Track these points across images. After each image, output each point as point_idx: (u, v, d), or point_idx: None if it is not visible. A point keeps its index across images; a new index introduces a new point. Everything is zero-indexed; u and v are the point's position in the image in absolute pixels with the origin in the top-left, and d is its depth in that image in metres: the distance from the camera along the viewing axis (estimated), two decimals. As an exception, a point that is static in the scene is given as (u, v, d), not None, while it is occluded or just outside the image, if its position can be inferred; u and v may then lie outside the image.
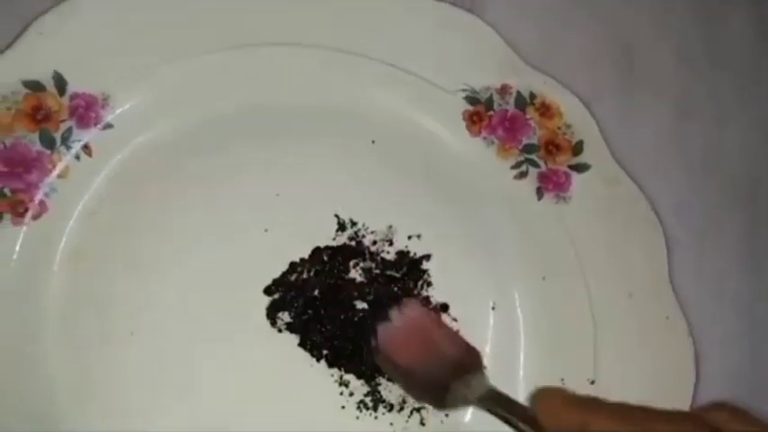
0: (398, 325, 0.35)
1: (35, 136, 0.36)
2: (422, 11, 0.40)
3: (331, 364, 0.38)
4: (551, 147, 0.41)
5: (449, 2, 0.41)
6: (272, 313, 0.38)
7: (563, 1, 0.45)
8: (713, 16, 0.47)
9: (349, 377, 0.38)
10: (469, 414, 0.39)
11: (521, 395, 0.39)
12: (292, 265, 0.39)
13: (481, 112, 0.41)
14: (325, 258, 0.39)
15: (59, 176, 0.37)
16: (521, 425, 0.28)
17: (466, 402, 0.32)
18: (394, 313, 0.36)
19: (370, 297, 0.39)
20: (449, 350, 0.33)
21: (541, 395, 0.28)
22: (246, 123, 0.39)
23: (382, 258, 0.40)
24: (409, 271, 0.40)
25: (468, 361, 0.33)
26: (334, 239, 0.40)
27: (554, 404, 0.27)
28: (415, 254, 0.40)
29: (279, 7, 0.39)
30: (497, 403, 0.31)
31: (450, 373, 0.32)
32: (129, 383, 0.37)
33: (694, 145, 0.45)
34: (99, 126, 0.37)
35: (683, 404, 0.39)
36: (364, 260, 0.40)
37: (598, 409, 0.26)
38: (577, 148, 0.41)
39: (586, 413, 0.26)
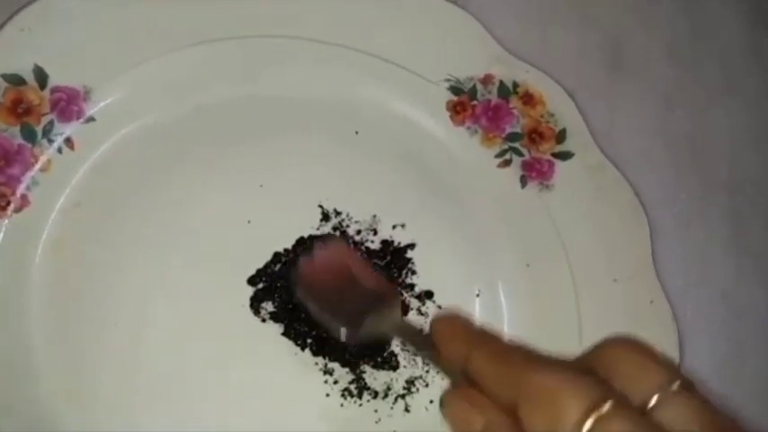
0: (319, 258, 0.36)
1: (16, 130, 0.36)
2: (406, 2, 0.40)
3: (315, 353, 0.38)
4: (535, 135, 0.41)
5: (432, -8, 0.41)
6: (255, 303, 0.38)
7: (548, -8, 0.45)
8: (699, 6, 0.47)
9: (333, 365, 0.38)
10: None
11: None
12: (276, 256, 0.39)
13: (465, 102, 0.41)
14: (309, 248, 0.39)
15: (41, 170, 0.36)
16: (429, 353, 0.29)
17: (378, 331, 0.33)
18: (316, 248, 0.37)
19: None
20: (366, 283, 0.34)
21: (436, 321, 0.28)
22: (230, 115, 0.39)
23: (366, 248, 0.40)
24: (393, 260, 0.40)
25: (384, 295, 0.33)
26: (318, 230, 0.40)
27: (445, 332, 0.27)
28: (399, 243, 0.40)
29: (262, 0, 0.39)
30: (406, 333, 0.32)
31: (365, 305, 0.32)
32: (112, 375, 0.36)
33: (679, 133, 0.45)
34: (81, 119, 0.37)
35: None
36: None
37: (481, 344, 0.25)
38: (561, 137, 0.41)
39: (471, 347, 0.25)
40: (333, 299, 0.34)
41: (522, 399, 0.21)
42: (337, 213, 0.40)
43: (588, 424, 0.20)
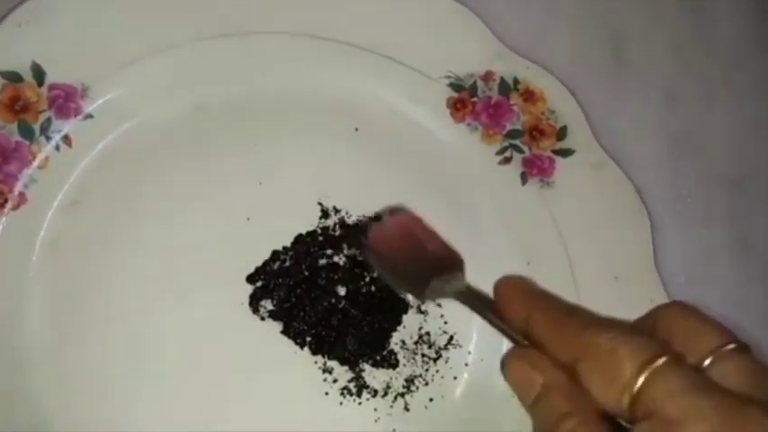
0: (388, 225, 0.37)
1: (14, 127, 0.36)
2: (406, -2, 0.40)
3: (314, 351, 0.38)
4: (535, 132, 0.41)
5: (433, -11, 0.41)
6: (254, 301, 0.38)
7: (550, -12, 0.45)
8: (701, 2, 0.47)
9: (332, 364, 0.38)
10: (455, 399, 0.39)
11: (503, 382, 0.39)
12: (275, 254, 0.38)
13: (465, 99, 0.41)
14: (308, 246, 0.39)
15: (39, 167, 0.36)
16: (490, 317, 0.30)
17: (443, 295, 0.34)
18: (385, 216, 0.38)
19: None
20: (432, 249, 0.35)
21: (498, 285, 0.29)
22: (229, 113, 0.39)
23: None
24: (393, 257, 0.40)
25: (449, 261, 0.35)
26: (317, 227, 0.39)
27: (506, 295, 0.28)
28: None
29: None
30: (470, 297, 0.32)
31: (431, 269, 0.34)
32: (111, 373, 0.36)
33: (680, 130, 0.45)
34: (79, 117, 0.37)
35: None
36: (348, 248, 0.40)
37: (541, 306, 0.26)
38: (561, 133, 0.41)
39: (531, 309, 0.26)
40: (400, 263, 0.35)
41: (581, 357, 0.22)
42: (337, 211, 0.40)
43: (642, 378, 0.20)
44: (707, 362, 0.22)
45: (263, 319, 0.38)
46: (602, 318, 0.24)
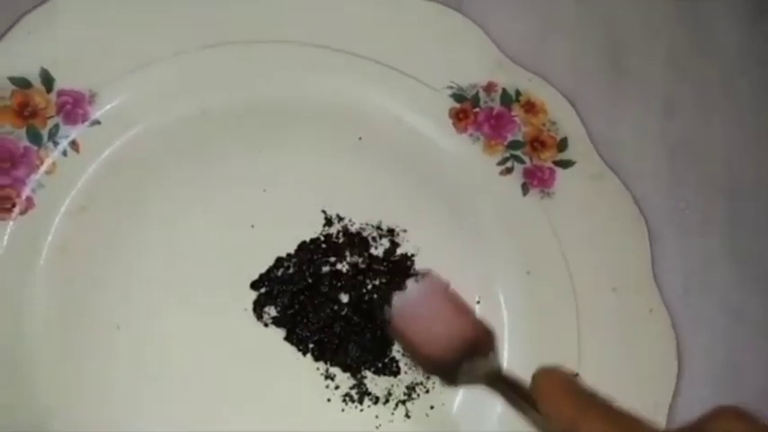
0: (412, 296, 0.34)
1: (22, 132, 0.36)
2: (409, 9, 0.41)
3: (317, 358, 0.38)
4: (536, 143, 0.42)
5: (436, 0, 0.41)
6: (258, 307, 0.38)
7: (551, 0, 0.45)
8: (699, 13, 0.47)
9: (335, 370, 0.39)
10: (455, 406, 0.40)
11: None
12: (279, 260, 0.39)
13: (467, 110, 0.41)
14: (312, 253, 0.39)
15: (47, 172, 0.37)
16: (525, 408, 0.28)
17: (475, 380, 0.31)
18: (410, 284, 0.36)
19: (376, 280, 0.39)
20: (462, 324, 0.32)
21: (539, 378, 0.27)
22: (234, 120, 0.40)
23: (369, 253, 0.40)
24: (395, 265, 0.40)
25: (482, 338, 0.32)
26: (321, 234, 0.40)
27: (550, 391, 0.27)
28: (400, 247, 0.41)
29: (268, 5, 0.39)
30: (504, 384, 0.31)
31: (461, 351, 0.31)
32: (115, 377, 0.37)
33: (679, 141, 0.46)
34: (86, 122, 0.37)
35: (666, 396, 0.40)
36: (351, 255, 0.40)
37: (591, 409, 0.25)
38: (562, 145, 0.42)
39: (580, 410, 0.25)
40: (427, 343, 0.32)
41: None
42: (340, 218, 0.40)
43: None
44: None
45: (266, 325, 0.38)
46: (657, 427, 0.24)
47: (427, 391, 0.39)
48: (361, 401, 0.39)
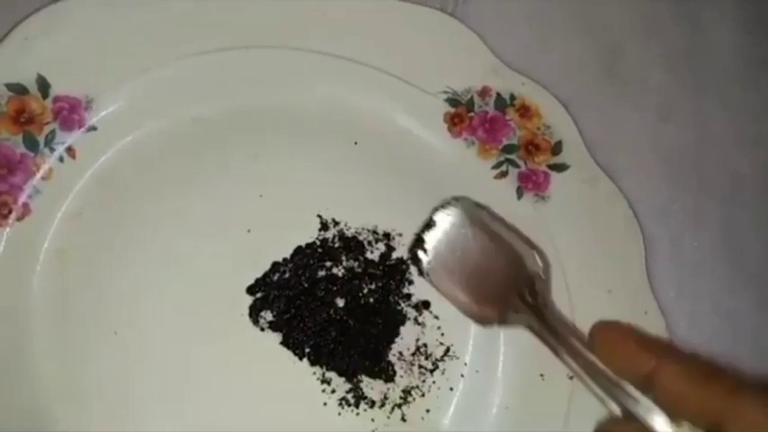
0: (446, 235, 0.32)
1: (19, 138, 0.36)
2: (404, 14, 0.41)
3: (313, 362, 0.38)
4: (531, 147, 0.42)
5: (431, 6, 0.41)
6: (254, 312, 0.38)
7: (546, 5, 0.45)
8: (696, 20, 0.47)
9: (331, 374, 0.39)
10: (451, 410, 0.40)
11: (499, 392, 0.40)
12: (275, 265, 0.39)
13: (462, 114, 0.42)
14: (308, 258, 0.39)
15: (43, 178, 0.37)
16: (568, 357, 0.27)
17: (520, 322, 0.30)
18: (441, 217, 0.33)
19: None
20: (505, 258, 0.30)
21: (605, 329, 0.27)
22: (230, 125, 0.40)
23: (365, 258, 0.40)
24: (391, 269, 0.40)
25: (529, 266, 0.30)
26: (317, 239, 0.40)
27: (622, 342, 0.26)
28: (396, 252, 0.41)
29: (263, 11, 0.39)
30: (546, 327, 0.29)
31: (509, 285, 0.29)
32: (112, 383, 0.37)
33: (674, 145, 0.46)
34: (83, 128, 0.37)
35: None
36: (347, 260, 0.40)
37: (674, 359, 0.25)
38: (556, 149, 0.42)
39: (662, 359, 0.24)
40: (469, 282, 0.30)
41: (729, 420, 0.22)
42: (336, 223, 0.40)
43: None
44: None
45: (262, 329, 0.39)
46: (749, 380, 0.23)
47: (423, 395, 0.40)
48: (357, 405, 0.39)
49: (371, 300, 0.39)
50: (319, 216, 0.40)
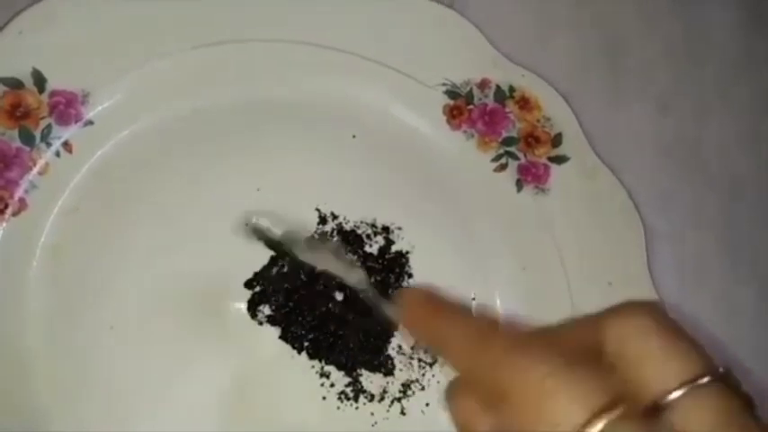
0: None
1: (14, 133, 0.36)
2: (403, 7, 0.41)
3: (312, 356, 0.38)
4: (531, 139, 0.42)
5: (430, -2, 0.41)
6: (252, 306, 0.38)
7: (546, -4, 0.45)
8: (696, 11, 0.47)
9: (330, 368, 0.39)
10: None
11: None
12: (273, 259, 0.39)
13: (461, 106, 0.41)
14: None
15: (39, 173, 0.37)
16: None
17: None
18: None
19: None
20: None
21: (403, 298, 0.24)
22: (227, 119, 0.39)
23: (364, 251, 0.40)
24: (390, 263, 0.40)
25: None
26: (315, 233, 0.40)
27: (412, 309, 0.23)
28: (395, 245, 0.40)
29: (260, 3, 0.39)
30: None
31: None
32: (109, 378, 0.37)
33: (674, 137, 0.46)
34: (79, 123, 0.37)
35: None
36: (345, 253, 0.40)
37: (451, 313, 0.21)
38: (556, 141, 0.42)
39: (436, 316, 0.21)
40: None
41: (504, 395, 0.17)
42: (334, 217, 0.40)
43: None
44: (671, 397, 0.17)
45: (260, 324, 0.38)
46: (539, 333, 0.19)
47: (423, 389, 0.39)
48: (356, 399, 0.39)
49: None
50: (318, 210, 0.40)
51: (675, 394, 0.17)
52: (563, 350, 0.17)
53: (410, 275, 0.40)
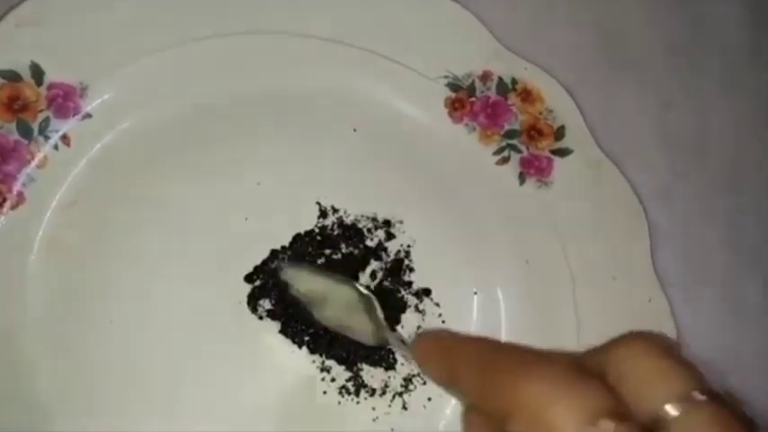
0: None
1: (12, 126, 0.36)
2: (404, -2, 0.40)
3: (312, 351, 0.38)
4: (533, 132, 0.41)
5: (431, -11, 0.41)
6: (253, 300, 0.38)
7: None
8: (699, 4, 0.47)
9: (330, 363, 0.38)
10: (452, 402, 0.39)
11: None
12: (273, 253, 0.38)
13: (463, 99, 0.41)
14: (307, 245, 0.39)
15: (38, 166, 0.36)
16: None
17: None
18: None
19: None
20: None
21: (418, 338, 0.26)
22: (227, 112, 0.39)
23: (364, 245, 0.40)
24: (391, 257, 0.40)
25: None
26: (315, 227, 0.39)
27: (425, 348, 0.24)
28: (396, 239, 0.40)
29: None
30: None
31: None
32: (108, 373, 0.36)
33: (678, 130, 0.45)
34: (77, 116, 0.37)
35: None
36: (346, 247, 0.40)
37: (465, 355, 0.21)
38: (559, 133, 0.41)
39: (452, 361, 0.22)
40: None
41: (509, 414, 0.18)
42: (335, 210, 0.40)
43: None
44: (667, 413, 0.18)
45: (261, 318, 0.38)
46: (543, 357, 0.19)
47: (424, 383, 0.39)
48: (357, 394, 0.38)
49: (371, 288, 0.39)
50: (318, 203, 0.40)
51: (671, 410, 0.18)
52: (566, 366, 0.19)
53: (411, 269, 0.40)
